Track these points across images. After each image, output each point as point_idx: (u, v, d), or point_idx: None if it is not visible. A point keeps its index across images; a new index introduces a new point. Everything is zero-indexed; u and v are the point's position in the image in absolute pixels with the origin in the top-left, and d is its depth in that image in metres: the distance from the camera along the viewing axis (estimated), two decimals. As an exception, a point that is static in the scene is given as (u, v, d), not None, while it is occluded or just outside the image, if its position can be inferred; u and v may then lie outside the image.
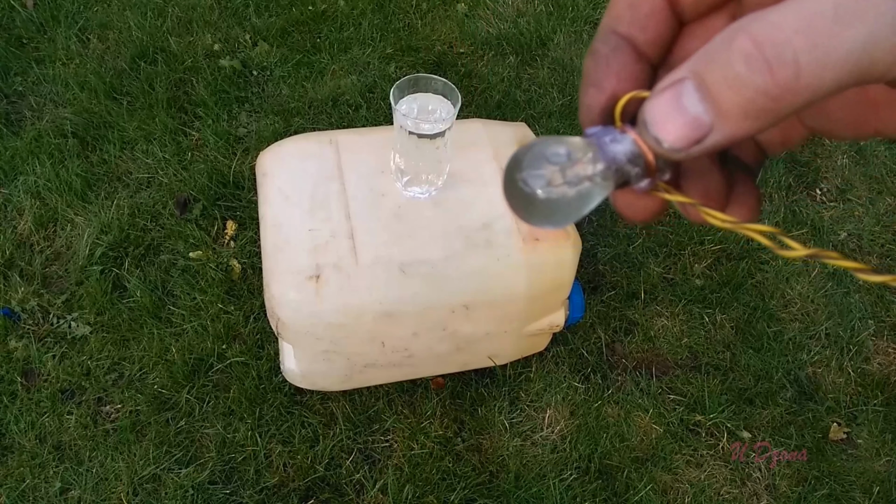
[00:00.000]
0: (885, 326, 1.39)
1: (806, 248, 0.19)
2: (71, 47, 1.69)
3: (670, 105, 0.19)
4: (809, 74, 0.16)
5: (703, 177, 0.23)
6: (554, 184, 0.21)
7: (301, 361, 1.05)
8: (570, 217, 0.21)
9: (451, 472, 1.14)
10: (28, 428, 1.15)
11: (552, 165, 0.21)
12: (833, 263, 0.19)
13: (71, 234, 1.38)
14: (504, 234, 0.99)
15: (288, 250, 0.96)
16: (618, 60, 0.22)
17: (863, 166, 1.64)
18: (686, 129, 0.18)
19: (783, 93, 0.17)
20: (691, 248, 1.45)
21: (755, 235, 0.20)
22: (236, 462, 1.14)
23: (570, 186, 0.21)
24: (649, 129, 0.19)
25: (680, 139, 0.19)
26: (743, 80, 0.17)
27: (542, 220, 0.22)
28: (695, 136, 0.18)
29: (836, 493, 1.19)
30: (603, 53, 0.22)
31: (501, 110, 1.64)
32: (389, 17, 1.84)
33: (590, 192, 0.21)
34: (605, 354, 1.30)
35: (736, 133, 0.18)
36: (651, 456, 1.19)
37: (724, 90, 0.17)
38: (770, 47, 0.16)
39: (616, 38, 0.22)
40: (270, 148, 1.08)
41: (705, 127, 0.18)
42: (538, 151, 0.21)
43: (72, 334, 1.25)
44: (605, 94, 0.22)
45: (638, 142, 0.20)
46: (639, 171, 0.21)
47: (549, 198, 0.21)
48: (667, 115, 0.19)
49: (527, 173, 0.21)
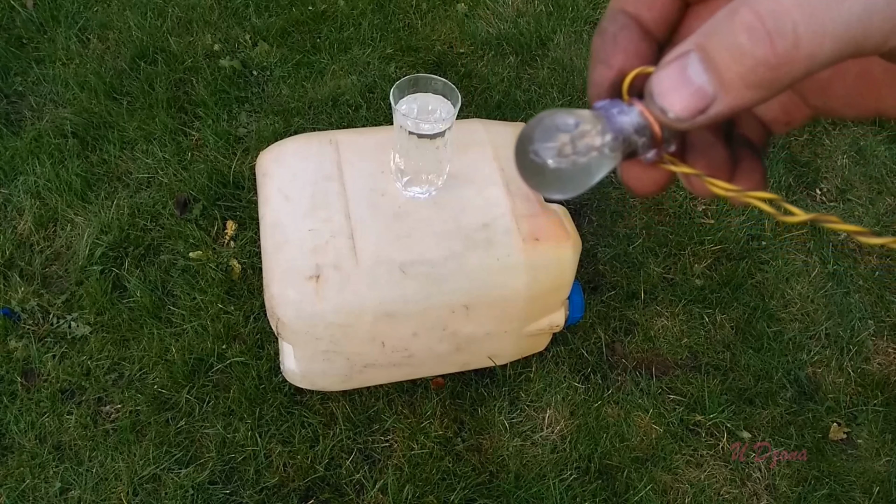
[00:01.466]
0: (885, 326, 1.39)
1: (806, 213, 0.20)
2: (71, 47, 1.69)
3: (676, 76, 0.19)
4: (808, 44, 0.17)
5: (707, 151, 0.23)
6: (564, 154, 0.21)
7: (301, 361, 1.05)
8: (579, 186, 0.22)
9: (451, 472, 1.14)
10: (28, 428, 1.15)
11: (562, 136, 0.21)
12: (833, 227, 0.20)
13: (71, 234, 1.38)
14: (504, 234, 0.99)
15: (288, 250, 0.96)
16: (625, 38, 0.23)
17: (863, 166, 1.64)
18: (691, 100, 0.19)
19: (783, 62, 0.17)
20: (691, 248, 1.46)
21: (758, 203, 0.21)
22: (236, 462, 1.14)
23: (579, 157, 0.21)
24: (655, 99, 0.20)
25: (685, 109, 0.19)
26: (744, 50, 0.18)
27: (553, 189, 0.22)
28: (699, 106, 0.19)
29: (836, 493, 1.19)
30: (611, 32, 0.23)
31: (501, 110, 1.64)
32: (389, 17, 1.84)
33: (599, 163, 0.21)
34: (605, 354, 1.30)
35: (739, 103, 0.19)
36: (651, 456, 1.19)
37: (726, 61, 0.18)
38: (770, 19, 0.17)
39: (624, 16, 0.23)
40: (270, 148, 1.08)
41: (709, 97, 0.19)
42: (549, 123, 0.22)
43: (72, 334, 1.25)
44: (612, 70, 0.23)
45: (644, 113, 0.21)
46: (645, 142, 0.21)
47: (559, 168, 0.22)
48: (672, 86, 0.19)
49: (538, 145, 0.22)
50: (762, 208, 0.21)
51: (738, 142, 0.25)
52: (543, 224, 1.01)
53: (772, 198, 0.21)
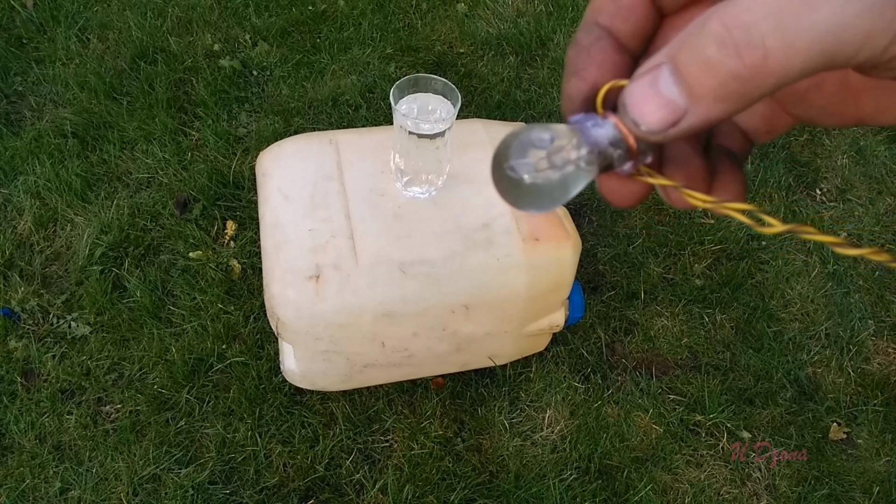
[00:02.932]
0: (885, 326, 1.39)
1: (783, 224, 0.20)
2: (71, 47, 1.69)
3: (647, 89, 0.19)
4: (777, 57, 0.17)
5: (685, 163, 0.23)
6: (539, 169, 0.22)
7: (301, 361, 1.04)
8: (556, 201, 0.22)
9: (451, 472, 1.14)
10: (28, 428, 1.15)
11: (538, 152, 0.22)
12: (810, 238, 0.20)
13: (71, 234, 1.38)
14: (504, 233, 0.99)
15: (288, 250, 0.96)
16: (599, 51, 0.23)
17: (863, 166, 1.64)
18: (662, 112, 0.19)
19: (752, 75, 0.17)
20: (691, 248, 1.46)
21: (734, 214, 0.21)
22: (236, 462, 1.14)
23: (554, 171, 0.21)
24: (628, 112, 0.20)
25: (656, 122, 0.19)
26: (714, 63, 0.17)
27: (529, 204, 0.22)
28: (670, 119, 0.19)
29: (836, 493, 1.19)
30: (585, 44, 0.23)
31: (501, 110, 1.64)
32: (389, 17, 1.84)
33: (575, 177, 0.22)
34: (605, 354, 1.30)
35: (710, 116, 0.18)
36: (651, 456, 1.19)
37: (696, 74, 0.18)
38: (739, 31, 0.17)
39: (598, 29, 0.23)
40: (270, 148, 1.08)
41: (680, 110, 0.19)
42: (524, 138, 0.22)
43: (72, 334, 1.25)
44: (586, 83, 0.22)
45: (619, 125, 0.21)
46: (621, 154, 0.21)
47: (534, 183, 0.22)
48: (644, 99, 0.19)
49: (514, 161, 0.22)
50: (739, 219, 0.21)
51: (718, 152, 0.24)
52: (543, 224, 1.01)
53: (748, 209, 0.21)
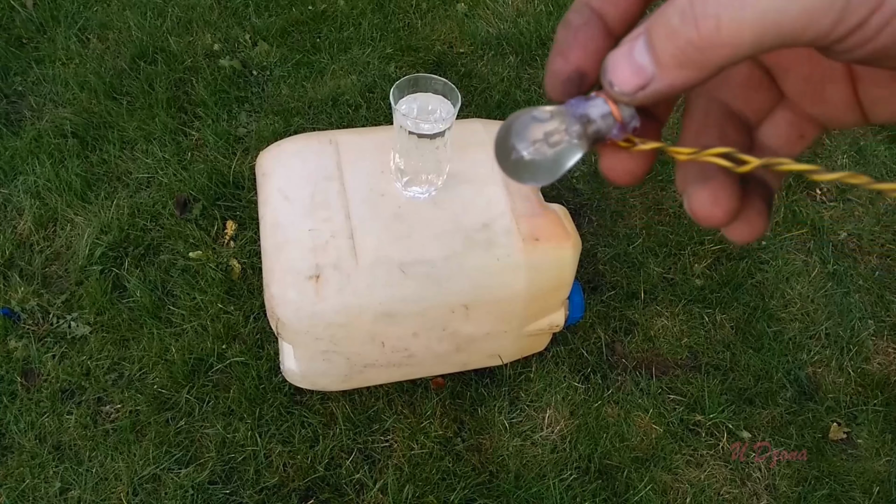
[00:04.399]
0: (885, 326, 1.39)
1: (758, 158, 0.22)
2: (71, 47, 1.69)
3: (624, 56, 0.21)
4: (728, 30, 0.18)
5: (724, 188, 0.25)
6: (537, 146, 0.25)
7: (301, 361, 1.04)
8: (553, 174, 0.25)
9: (451, 472, 1.14)
10: (28, 428, 1.15)
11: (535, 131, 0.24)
12: (785, 168, 0.22)
13: (71, 234, 1.38)
14: (504, 234, 0.99)
15: (288, 250, 0.96)
16: (586, 34, 0.24)
17: (863, 166, 1.64)
18: (633, 77, 0.21)
19: (707, 45, 0.19)
20: (691, 248, 1.45)
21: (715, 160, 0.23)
22: (236, 462, 1.14)
23: (549, 147, 0.24)
24: (606, 75, 0.22)
25: (626, 83, 0.21)
26: (676, 32, 0.19)
27: (530, 178, 0.25)
28: (639, 82, 0.21)
29: (836, 493, 1.19)
30: (574, 25, 0.24)
31: (501, 110, 1.64)
32: (389, 17, 1.84)
33: (568, 150, 0.24)
34: (605, 354, 1.30)
35: (674, 81, 0.20)
36: (651, 456, 1.19)
37: (662, 42, 0.20)
38: (699, 4, 0.19)
39: (589, 11, 0.24)
40: (270, 148, 1.08)
41: (648, 75, 0.21)
42: (523, 119, 0.25)
43: (72, 334, 1.25)
44: (570, 64, 0.24)
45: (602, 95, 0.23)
46: (609, 124, 0.23)
47: (533, 159, 0.25)
48: (619, 64, 0.21)
49: (514, 139, 0.25)
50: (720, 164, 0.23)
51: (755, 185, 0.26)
52: (543, 224, 1.01)
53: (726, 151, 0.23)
